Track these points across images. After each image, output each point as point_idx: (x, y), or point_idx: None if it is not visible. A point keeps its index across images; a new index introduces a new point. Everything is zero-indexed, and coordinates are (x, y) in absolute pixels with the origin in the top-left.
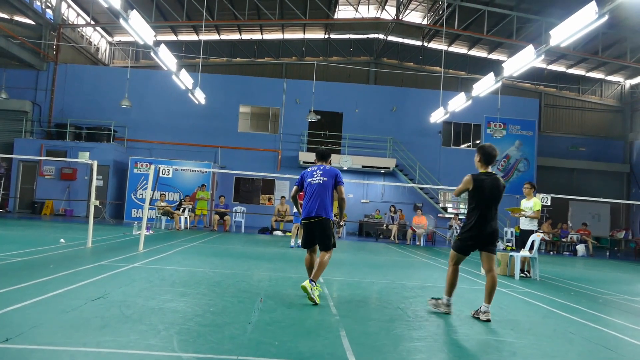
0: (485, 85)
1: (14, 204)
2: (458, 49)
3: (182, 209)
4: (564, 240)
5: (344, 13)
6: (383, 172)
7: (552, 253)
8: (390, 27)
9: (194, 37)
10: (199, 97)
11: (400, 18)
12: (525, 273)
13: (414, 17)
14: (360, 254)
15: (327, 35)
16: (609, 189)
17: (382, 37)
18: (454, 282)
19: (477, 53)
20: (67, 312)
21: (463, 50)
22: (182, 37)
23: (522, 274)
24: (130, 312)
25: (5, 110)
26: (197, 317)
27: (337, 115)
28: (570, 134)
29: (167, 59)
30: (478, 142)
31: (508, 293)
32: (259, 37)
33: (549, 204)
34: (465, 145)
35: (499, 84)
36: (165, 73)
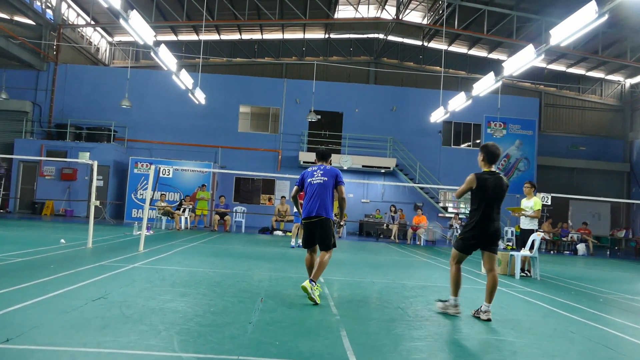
0: (485, 85)
1: (15, 205)
2: (458, 49)
3: (182, 209)
4: (565, 240)
5: (344, 13)
6: (383, 171)
7: (552, 252)
8: (390, 26)
9: (194, 37)
10: (199, 97)
11: (400, 18)
12: (526, 272)
13: (414, 16)
14: (361, 254)
15: (327, 35)
16: (609, 188)
17: (382, 36)
18: (459, 281)
19: (477, 53)
20: (67, 312)
21: (463, 50)
22: (182, 37)
23: (522, 274)
24: (131, 312)
25: (6, 111)
26: (197, 317)
27: (337, 115)
28: (571, 134)
29: (167, 59)
30: (478, 141)
31: (508, 292)
32: (259, 37)
33: (550, 204)
34: (466, 145)
35: (499, 84)
36: (166, 73)
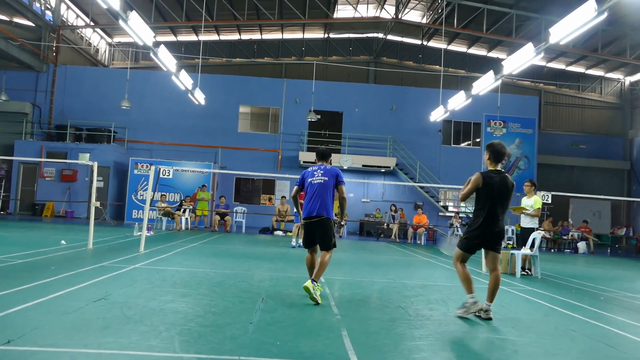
0: (485, 84)
1: (15, 206)
2: (457, 48)
3: (182, 210)
4: (565, 238)
5: (343, 12)
6: (383, 171)
7: (553, 251)
8: (390, 26)
9: (194, 37)
10: (199, 97)
11: (400, 17)
12: (527, 271)
13: (413, 15)
14: (361, 253)
15: (326, 35)
16: (610, 186)
17: (381, 36)
18: (469, 278)
19: (476, 51)
20: (68, 313)
21: (462, 49)
22: (181, 37)
23: (523, 272)
24: (132, 313)
25: (5, 112)
26: (198, 317)
27: (337, 115)
28: (571, 132)
29: (166, 60)
30: (478, 140)
31: (509, 291)
32: (259, 37)
33: (550, 202)
34: (466, 144)
35: (499, 82)
36: (165, 74)
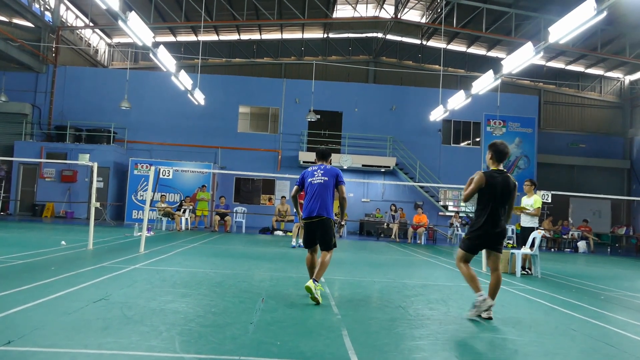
0: (485, 83)
1: (15, 207)
2: (457, 47)
3: (182, 210)
4: (565, 237)
5: (343, 12)
6: (383, 171)
7: (553, 250)
8: (389, 25)
9: (193, 37)
10: (199, 97)
11: (399, 17)
12: (527, 270)
13: (413, 15)
14: (361, 253)
15: (325, 35)
16: (610, 185)
17: (380, 35)
18: (474, 276)
19: (476, 51)
20: (68, 314)
21: (462, 48)
22: (180, 38)
23: (523, 272)
24: (132, 313)
25: (5, 113)
26: (198, 317)
27: (336, 115)
28: (570, 131)
29: (166, 60)
30: (478, 140)
31: (509, 290)
32: (258, 37)
33: (550, 201)
34: (465, 143)
35: (498, 82)
36: (165, 74)
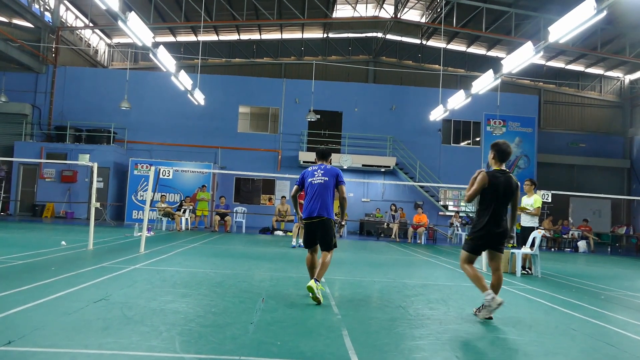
0: (485, 83)
1: (15, 207)
2: (457, 47)
3: (182, 210)
4: (565, 237)
5: (342, 12)
6: (383, 170)
7: (553, 250)
8: (389, 25)
9: (193, 38)
10: (198, 98)
11: (399, 16)
12: (527, 270)
13: (412, 15)
14: (361, 253)
15: (325, 35)
16: (610, 185)
17: (380, 35)
18: (479, 276)
19: (475, 50)
20: (69, 314)
21: (462, 48)
22: (180, 38)
23: (523, 271)
24: (132, 313)
25: (5, 114)
26: (198, 317)
27: (336, 115)
28: (570, 130)
29: (166, 60)
30: (478, 139)
31: (510, 290)
32: (258, 37)
33: (550, 201)
34: (465, 143)
35: (498, 81)
36: (165, 74)
